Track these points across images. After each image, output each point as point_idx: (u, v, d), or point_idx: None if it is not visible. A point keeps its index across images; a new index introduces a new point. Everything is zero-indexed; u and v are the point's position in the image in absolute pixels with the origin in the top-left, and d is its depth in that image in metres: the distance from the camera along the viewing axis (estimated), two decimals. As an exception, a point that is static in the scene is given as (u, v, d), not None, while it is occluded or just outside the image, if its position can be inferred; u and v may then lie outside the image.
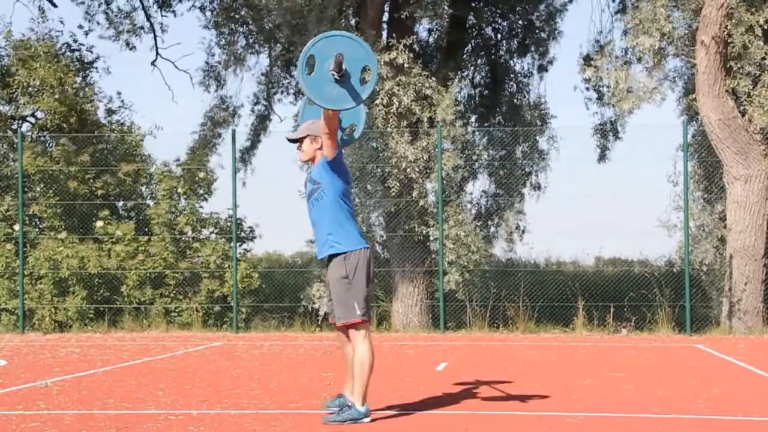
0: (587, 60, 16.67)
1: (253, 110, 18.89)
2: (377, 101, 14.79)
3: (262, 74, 18.86)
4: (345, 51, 6.04)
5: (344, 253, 6.45)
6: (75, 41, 18.77)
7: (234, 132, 15.36)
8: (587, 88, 17.93)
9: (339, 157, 6.50)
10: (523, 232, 16.84)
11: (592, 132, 17.73)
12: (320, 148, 6.56)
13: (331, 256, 6.51)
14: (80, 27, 19.00)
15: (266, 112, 18.94)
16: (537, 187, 17.38)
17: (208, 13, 18.60)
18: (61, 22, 32.48)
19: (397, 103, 14.80)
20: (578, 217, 17.99)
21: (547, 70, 18.50)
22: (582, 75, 16.56)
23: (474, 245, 14.86)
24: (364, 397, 6.41)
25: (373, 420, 6.45)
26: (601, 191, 19.13)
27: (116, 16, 18.81)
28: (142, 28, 19.19)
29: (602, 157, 17.71)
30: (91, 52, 18.92)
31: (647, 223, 14.72)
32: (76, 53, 18.77)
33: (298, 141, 6.68)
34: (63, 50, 18.47)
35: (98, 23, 18.73)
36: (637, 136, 16.29)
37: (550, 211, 17.95)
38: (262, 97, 18.89)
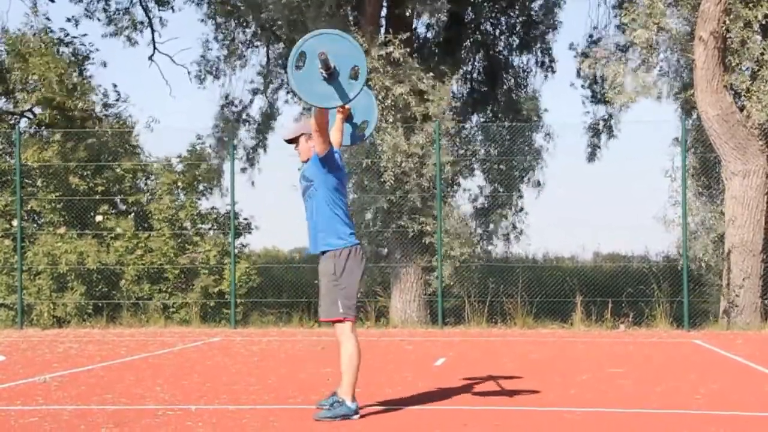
0: (583, 55, 16.69)
1: (251, 106, 18.88)
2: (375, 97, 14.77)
3: (258, 73, 18.83)
4: (335, 49, 6.05)
5: (334, 250, 6.47)
6: (66, 35, 18.67)
7: (234, 129, 15.35)
8: (582, 86, 17.99)
9: (330, 153, 6.47)
10: (521, 232, 16.90)
11: (585, 129, 17.83)
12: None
13: (323, 252, 6.53)
14: (68, 20, 18.90)
15: (265, 108, 18.92)
16: (536, 183, 17.43)
17: (205, 7, 18.60)
18: (68, 21, 32.45)
19: (393, 98, 14.79)
20: (576, 213, 17.99)
21: (544, 67, 18.52)
22: (578, 69, 16.60)
23: (469, 239, 14.86)
24: (352, 393, 6.42)
25: (362, 416, 6.45)
26: (598, 187, 19.15)
27: (115, 12, 18.79)
28: (142, 23, 19.17)
29: (593, 156, 17.82)
30: (85, 45, 18.87)
31: (645, 219, 14.75)
32: (71, 47, 18.67)
33: (294, 141, 6.69)
34: (58, 45, 18.35)
35: (98, 19, 18.73)
36: (633, 132, 16.30)
37: (548, 208, 17.98)
38: (260, 92, 18.86)
